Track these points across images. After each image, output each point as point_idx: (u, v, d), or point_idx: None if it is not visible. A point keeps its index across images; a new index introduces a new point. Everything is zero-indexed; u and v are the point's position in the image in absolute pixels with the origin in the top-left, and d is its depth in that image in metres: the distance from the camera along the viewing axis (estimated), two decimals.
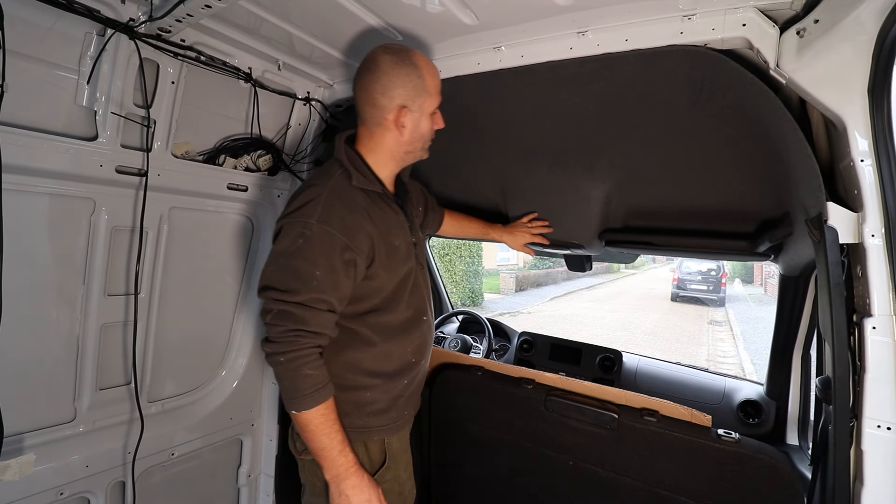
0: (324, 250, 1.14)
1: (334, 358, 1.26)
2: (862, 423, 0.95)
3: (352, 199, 1.21)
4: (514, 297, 18.61)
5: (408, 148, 1.30)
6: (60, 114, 1.28)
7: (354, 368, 1.29)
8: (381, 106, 1.22)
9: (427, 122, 1.29)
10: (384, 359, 1.31)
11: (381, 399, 1.31)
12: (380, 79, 1.21)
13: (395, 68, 1.20)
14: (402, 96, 1.22)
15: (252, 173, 1.78)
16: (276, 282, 1.15)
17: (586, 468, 1.58)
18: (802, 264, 1.54)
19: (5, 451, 1.25)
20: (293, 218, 1.17)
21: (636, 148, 1.48)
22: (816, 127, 1.14)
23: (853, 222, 0.98)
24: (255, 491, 2.09)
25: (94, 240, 1.43)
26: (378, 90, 1.21)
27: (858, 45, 0.93)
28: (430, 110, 1.28)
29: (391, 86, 1.21)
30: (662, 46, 1.16)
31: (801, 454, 1.67)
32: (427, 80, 1.24)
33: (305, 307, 1.13)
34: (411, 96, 1.22)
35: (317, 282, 1.13)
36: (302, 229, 1.14)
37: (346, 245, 1.15)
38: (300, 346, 1.13)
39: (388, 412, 1.33)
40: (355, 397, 1.29)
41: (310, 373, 1.14)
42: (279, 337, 1.13)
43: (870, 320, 0.95)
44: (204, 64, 1.48)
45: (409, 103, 1.23)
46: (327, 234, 1.14)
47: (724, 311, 16.81)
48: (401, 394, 1.36)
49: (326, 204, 1.16)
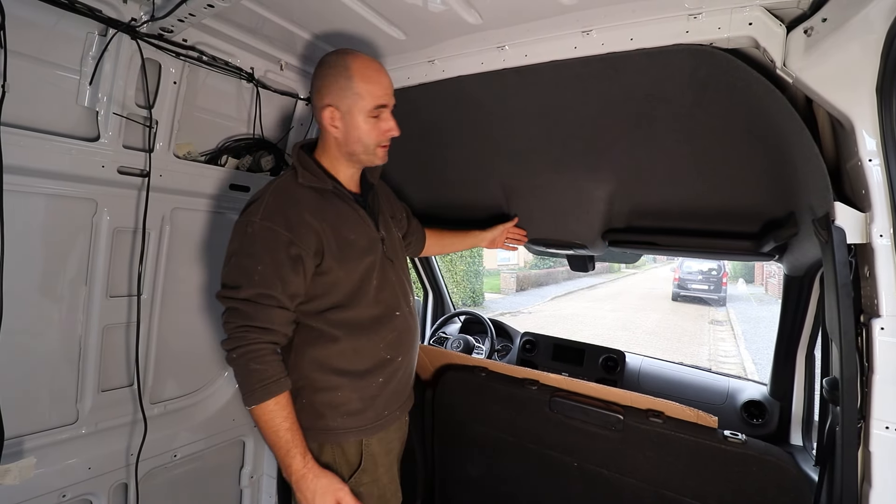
0: (266, 246, 1.16)
1: (300, 357, 1.28)
2: (870, 424, 0.94)
3: (296, 196, 1.23)
4: (514, 296, 18.61)
5: (347, 149, 1.30)
6: (62, 114, 1.28)
7: (321, 367, 1.28)
8: (315, 105, 1.28)
9: (365, 125, 1.26)
10: (352, 356, 1.30)
11: (353, 399, 1.30)
12: (315, 79, 1.27)
13: (325, 69, 1.25)
14: (329, 96, 1.24)
15: (254, 174, 1.78)
16: (226, 280, 1.20)
17: (591, 469, 1.57)
18: (807, 264, 1.53)
19: (7, 454, 1.25)
20: (239, 219, 1.22)
21: (640, 148, 1.47)
22: (823, 126, 1.13)
23: (861, 222, 0.97)
24: (257, 492, 2.08)
25: (95, 241, 1.43)
26: (314, 89, 1.27)
27: (867, 44, 0.92)
28: (362, 113, 1.25)
29: (320, 85, 1.25)
30: (668, 46, 1.16)
31: (805, 455, 1.67)
32: (356, 82, 1.23)
33: (251, 302, 1.15)
34: (338, 97, 1.24)
35: (259, 277, 1.15)
36: (245, 227, 1.18)
37: (290, 240, 1.17)
38: (248, 340, 1.14)
39: (364, 412, 1.31)
40: (328, 398, 1.28)
41: (256, 367, 1.14)
42: (230, 333, 1.16)
43: (878, 321, 0.94)
44: (206, 64, 1.48)
45: (336, 103, 1.24)
46: (269, 230, 1.16)
47: (724, 310, 16.80)
48: (376, 393, 1.34)
49: (269, 202, 1.20)
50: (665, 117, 1.34)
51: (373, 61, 1.28)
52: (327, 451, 1.30)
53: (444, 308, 3.14)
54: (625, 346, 3.00)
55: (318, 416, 1.28)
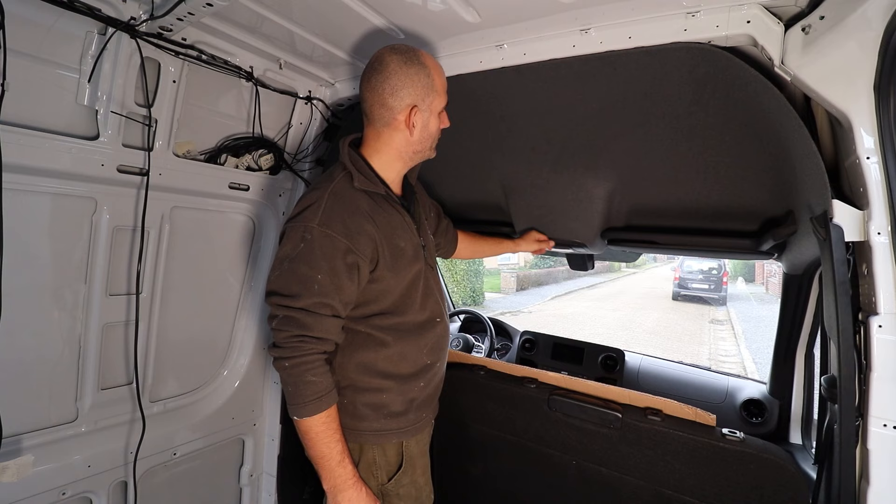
0: (325, 254, 1.13)
1: (347, 360, 1.27)
2: (868, 422, 0.94)
3: (353, 202, 1.20)
4: (515, 296, 18.61)
5: (417, 147, 1.29)
6: (61, 113, 1.28)
7: (368, 370, 1.28)
8: (391, 106, 1.22)
9: (435, 121, 1.29)
10: (399, 360, 1.30)
11: (396, 401, 1.30)
12: (388, 79, 1.20)
13: (404, 68, 1.20)
14: (412, 96, 1.21)
15: (254, 173, 1.78)
16: (279, 287, 1.15)
17: (590, 468, 1.57)
18: (806, 262, 1.53)
19: (5, 452, 1.25)
20: (295, 222, 1.18)
21: (639, 146, 1.47)
22: (821, 124, 1.13)
23: (859, 220, 0.98)
24: (257, 490, 2.09)
25: (95, 239, 1.43)
26: (387, 90, 1.21)
27: (865, 41, 0.92)
28: (438, 109, 1.28)
29: (401, 86, 1.20)
30: (666, 44, 1.16)
31: (804, 453, 1.67)
32: (435, 80, 1.24)
33: (309, 312, 1.13)
34: (421, 96, 1.22)
35: (318, 286, 1.13)
36: (303, 233, 1.15)
37: (348, 248, 1.15)
38: (304, 351, 1.13)
39: (406, 414, 1.32)
40: (371, 399, 1.28)
41: (313, 379, 1.13)
42: (284, 342, 1.13)
43: (875, 319, 0.94)
44: (205, 63, 1.48)
45: (419, 102, 1.23)
46: (328, 237, 1.14)
47: (725, 309, 16.80)
48: (417, 396, 1.34)
49: (327, 207, 1.16)
50: (663, 115, 1.34)
51: (435, 58, 1.30)
52: (368, 451, 1.30)
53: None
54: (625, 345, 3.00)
55: (361, 418, 1.27)
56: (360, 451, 1.30)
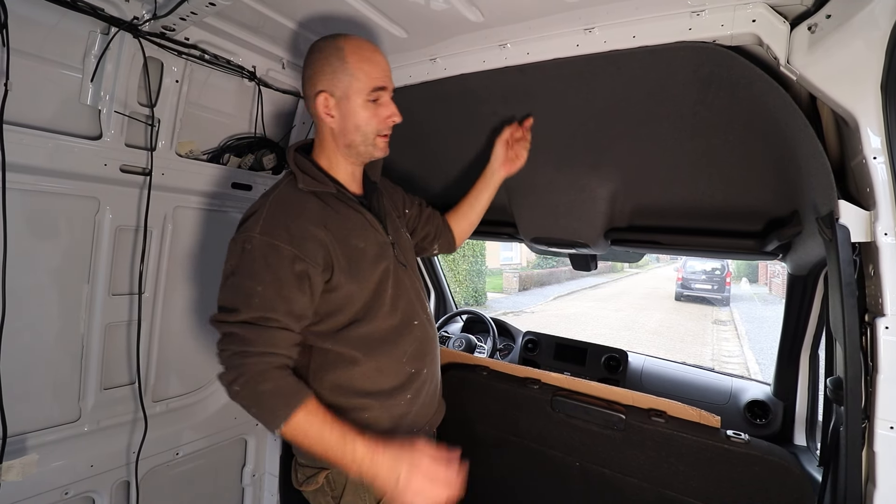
0: (268, 263, 1.04)
1: (320, 383, 1.17)
2: (874, 424, 0.93)
3: (299, 206, 1.12)
4: (517, 296, 18.60)
5: (345, 140, 1.20)
6: (65, 113, 1.28)
7: (345, 391, 1.18)
8: (307, 95, 1.18)
9: (362, 110, 1.17)
10: (376, 375, 1.20)
11: (382, 419, 1.20)
12: (305, 67, 1.17)
13: (315, 54, 1.16)
14: (322, 82, 1.15)
15: (256, 172, 1.78)
16: (221, 303, 1.07)
17: (593, 469, 1.57)
18: (811, 263, 1.52)
19: (10, 451, 1.25)
20: (236, 236, 1.10)
21: (643, 146, 1.46)
22: (826, 124, 1.12)
23: (865, 220, 0.97)
24: (259, 490, 2.09)
25: (98, 239, 1.43)
26: (305, 77, 1.18)
27: (872, 40, 0.91)
28: (360, 96, 1.16)
29: (312, 72, 1.16)
30: (670, 43, 1.15)
31: (808, 455, 1.66)
32: (351, 63, 1.14)
33: (250, 325, 1.03)
34: (331, 80, 1.14)
35: (259, 298, 1.03)
36: (243, 244, 1.07)
37: (294, 255, 1.06)
38: (249, 366, 1.01)
39: (394, 433, 1.20)
40: (353, 420, 1.14)
41: (269, 387, 1.01)
42: (227, 362, 1.03)
43: (882, 320, 0.93)
44: (208, 62, 1.48)
45: (330, 88, 1.15)
46: (270, 245, 1.05)
47: (728, 310, 16.75)
48: (405, 411, 1.24)
49: (269, 215, 1.08)
50: (668, 115, 1.33)
51: (367, 42, 1.19)
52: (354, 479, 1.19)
53: (446, 307, 3.14)
54: (628, 345, 2.99)
55: None
56: (345, 475, 1.19)
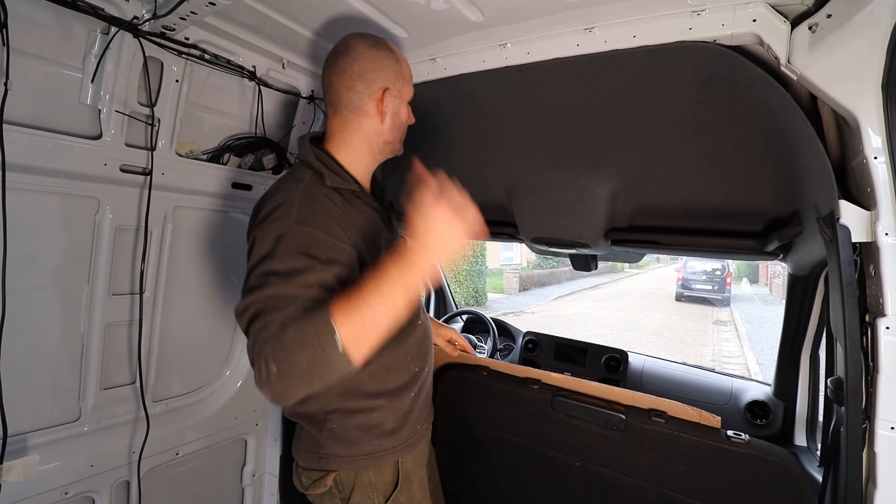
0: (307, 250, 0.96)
1: (327, 390, 1.11)
2: (875, 424, 0.93)
3: (327, 201, 1.07)
4: (517, 296, 18.60)
5: (388, 137, 1.21)
6: (65, 112, 1.28)
7: (354, 393, 1.17)
8: (360, 90, 1.14)
9: (406, 110, 1.23)
10: (384, 375, 1.19)
11: (389, 418, 1.21)
12: (357, 60, 1.14)
13: (374, 51, 1.16)
14: (384, 79, 1.16)
15: (256, 172, 1.78)
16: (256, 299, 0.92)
17: (593, 469, 1.57)
18: (812, 263, 1.52)
19: (10, 451, 1.25)
20: (265, 224, 1.00)
21: (643, 146, 1.46)
22: (827, 124, 1.12)
23: (866, 220, 0.96)
24: (259, 490, 2.09)
25: (98, 239, 1.43)
26: (356, 72, 1.14)
27: (873, 40, 0.91)
28: (408, 98, 1.23)
29: (371, 68, 1.15)
30: (671, 43, 1.15)
31: (809, 455, 1.65)
32: (403, 67, 1.20)
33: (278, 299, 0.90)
34: (392, 79, 1.17)
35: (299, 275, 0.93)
36: (280, 232, 0.97)
37: (331, 242, 1.00)
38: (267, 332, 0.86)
39: (400, 431, 1.22)
40: (362, 421, 1.17)
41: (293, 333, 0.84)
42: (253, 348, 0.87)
43: (883, 320, 0.93)
44: (208, 62, 1.48)
45: (392, 85, 1.17)
46: (309, 233, 0.98)
47: (728, 310, 16.75)
48: (410, 409, 1.26)
49: (302, 204, 1.02)
50: (668, 115, 1.33)
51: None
52: (362, 473, 1.20)
53: (446, 307, 3.14)
54: (628, 346, 2.99)
55: (352, 443, 1.16)
56: (354, 476, 1.20)
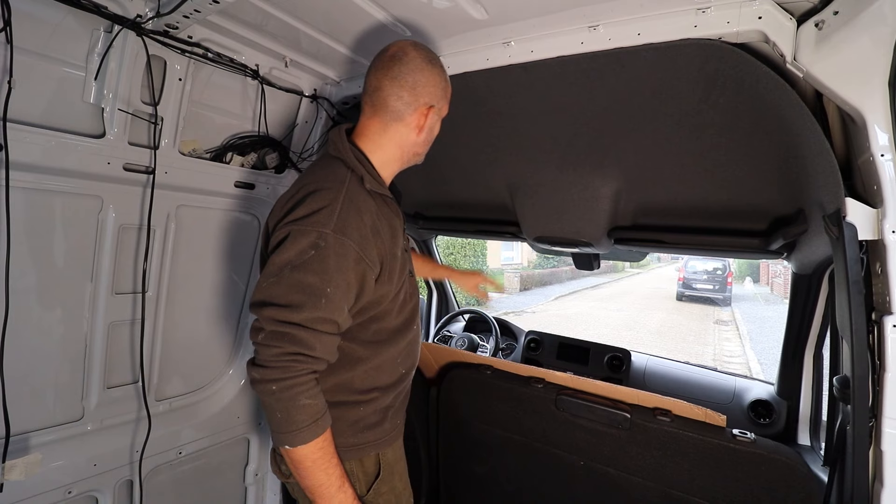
0: (339, 265, 1.01)
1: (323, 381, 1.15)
2: (881, 423, 0.93)
3: (366, 205, 1.10)
4: (518, 296, 18.58)
5: (419, 149, 1.25)
6: (68, 111, 1.28)
7: (346, 389, 1.19)
8: (409, 101, 1.16)
9: (439, 126, 1.27)
10: (376, 373, 1.23)
11: (372, 413, 1.24)
12: (413, 72, 1.14)
13: (430, 66, 1.17)
14: (432, 95, 1.18)
15: (259, 171, 1.78)
16: (274, 296, 1.00)
17: (598, 468, 1.56)
18: (816, 262, 1.51)
19: (13, 450, 1.25)
20: (303, 225, 1.02)
21: (647, 144, 1.46)
22: (833, 121, 1.12)
23: (873, 218, 0.96)
24: (262, 490, 2.08)
25: (101, 238, 1.43)
26: (409, 84, 1.14)
27: (880, 37, 0.90)
28: (444, 115, 1.27)
29: (424, 83, 1.16)
30: (676, 40, 1.14)
31: (813, 454, 1.65)
32: (449, 86, 1.23)
33: (307, 329, 0.99)
34: (438, 97, 1.20)
35: (326, 300, 0.99)
36: (316, 239, 1.00)
37: (359, 256, 1.04)
38: (297, 372, 0.98)
39: (382, 424, 1.26)
40: (347, 414, 1.19)
41: (307, 402, 0.99)
42: (272, 361, 0.98)
43: (890, 318, 0.93)
44: (211, 61, 1.48)
45: (437, 104, 1.20)
46: (344, 246, 1.01)
47: (730, 310, 16.72)
48: (391, 404, 1.29)
49: (343, 210, 1.04)
50: (672, 113, 1.33)
51: None
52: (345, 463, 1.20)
53: (448, 306, 3.14)
54: (630, 345, 2.98)
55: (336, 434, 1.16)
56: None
